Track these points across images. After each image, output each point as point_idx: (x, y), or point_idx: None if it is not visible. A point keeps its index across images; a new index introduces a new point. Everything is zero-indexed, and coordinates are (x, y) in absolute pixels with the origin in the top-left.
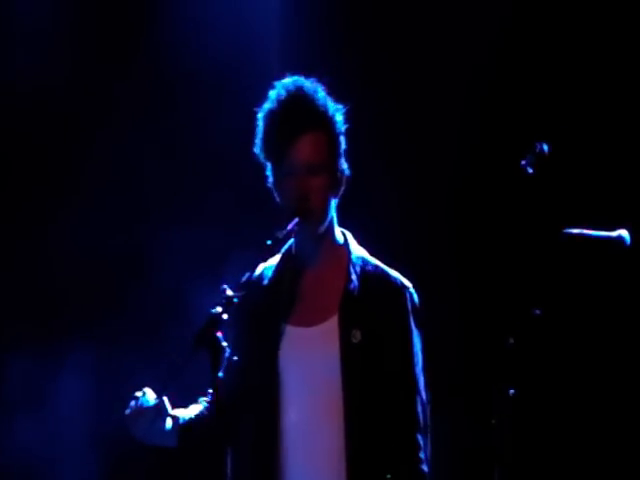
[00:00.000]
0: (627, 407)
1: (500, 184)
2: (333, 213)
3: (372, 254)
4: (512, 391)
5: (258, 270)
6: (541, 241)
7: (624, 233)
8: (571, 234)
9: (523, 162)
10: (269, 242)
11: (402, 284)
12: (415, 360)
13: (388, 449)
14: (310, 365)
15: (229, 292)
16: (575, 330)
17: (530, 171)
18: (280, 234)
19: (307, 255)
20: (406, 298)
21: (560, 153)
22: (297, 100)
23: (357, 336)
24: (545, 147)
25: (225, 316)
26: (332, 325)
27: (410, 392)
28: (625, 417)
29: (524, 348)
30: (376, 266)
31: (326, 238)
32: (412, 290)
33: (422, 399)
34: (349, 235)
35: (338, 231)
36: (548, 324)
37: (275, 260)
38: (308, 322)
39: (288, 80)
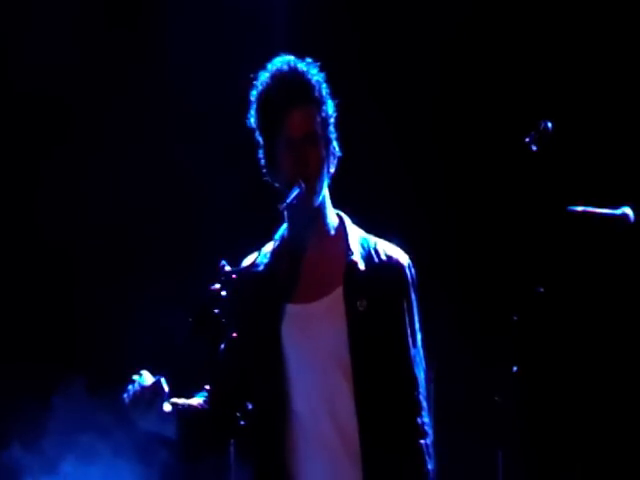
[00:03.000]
0: (631, 385)
1: (504, 161)
2: (326, 193)
3: (374, 232)
4: (515, 368)
5: (249, 260)
6: (545, 218)
7: (628, 210)
8: (575, 211)
9: (527, 139)
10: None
11: (402, 257)
12: (416, 330)
13: (395, 414)
14: (315, 339)
15: (228, 268)
16: (579, 307)
17: (534, 148)
18: (281, 206)
19: (303, 236)
20: (406, 271)
21: (564, 130)
22: (291, 75)
23: (363, 304)
24: (549, 124)
25: (224, 293)
26: (337, 296)
27: (412, 360)
28: (629, 395)
29: (528, 325)
30: (375, 241)
31: (320, 218)
32: (411, 263)
33: (423, 366)
34: (345, 216)
35: (332, 212)
36: (552, 301)
37: (268, 248)
38: (310, 297)
39: (280, 59)
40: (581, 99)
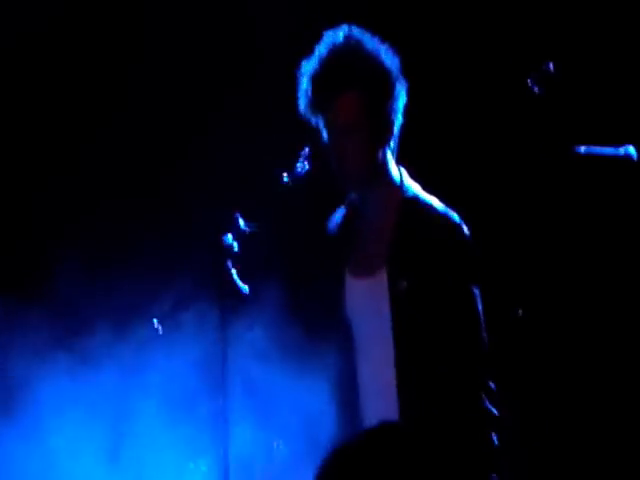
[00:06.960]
0: (635, 326)
1: (507, 103)
2: (389, 157)
3: None
4: (520, 311)
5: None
6: (549, 159)
7: (631, 149)
8: (579, 152)
9: (529, 81)
10: (286, 179)
11: (454, 224)
12: (466, 308)
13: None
14: (359, 316)
15: (242, 223)
16: (584, 249)
17: (536, 90)
18: (289, 175)
19: (363, 199)
20: (457, 241)
21: (566, 71)
22: (335, 59)
23: (406, 286)
24: (551, 65)
25: (236, 246)
26: (380, 278)
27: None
28: (633, 334)
29: (532, 269)
30: (430, 207)
31: (380, 180)
32: (464, 231)
33: (484, 345)
34: (404, 172)
35: (395, 169)
36: (557, 244)
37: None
38: (358, 273)
39: (339, 33)
40: (583, 39)
